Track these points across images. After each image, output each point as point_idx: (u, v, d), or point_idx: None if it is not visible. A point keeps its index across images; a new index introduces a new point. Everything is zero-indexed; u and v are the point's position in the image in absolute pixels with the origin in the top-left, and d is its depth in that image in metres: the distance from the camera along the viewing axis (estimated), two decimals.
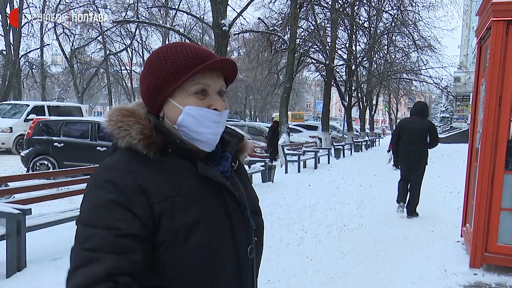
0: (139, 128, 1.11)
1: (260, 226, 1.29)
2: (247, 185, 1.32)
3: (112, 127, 1.14)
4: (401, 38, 26.05)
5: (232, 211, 1.16)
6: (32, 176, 6.93)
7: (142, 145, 1.10)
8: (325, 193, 9.54)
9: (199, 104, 1.13)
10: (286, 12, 18.72)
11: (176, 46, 1.17)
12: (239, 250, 1.16)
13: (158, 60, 1.15)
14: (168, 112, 1.16)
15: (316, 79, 31.93)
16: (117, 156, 1.13)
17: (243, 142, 1.32)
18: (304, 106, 77.80)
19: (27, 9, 27.24)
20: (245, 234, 1.20)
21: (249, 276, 1.22)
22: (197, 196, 1.10)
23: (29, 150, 10.95)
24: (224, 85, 1.20)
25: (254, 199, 1.32)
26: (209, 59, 1.14)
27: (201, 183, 1.12)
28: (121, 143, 1.12)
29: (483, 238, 4.62)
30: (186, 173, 1.12)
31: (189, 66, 1.12)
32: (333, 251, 5.54)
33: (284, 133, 14.88)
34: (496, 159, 4.53)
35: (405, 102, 55.90)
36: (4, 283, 4.06)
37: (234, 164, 1.28)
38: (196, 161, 1.13)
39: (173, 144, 1.13)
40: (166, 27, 24.66)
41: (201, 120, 1.13)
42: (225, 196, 1.16)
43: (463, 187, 5.98)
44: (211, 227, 1.10)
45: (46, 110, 17.86)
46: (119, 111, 1.16)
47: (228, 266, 1.14)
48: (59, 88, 44.96)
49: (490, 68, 4.47)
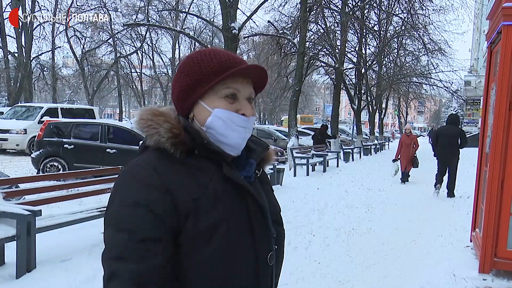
0: (168, 126, 1.13)
1: (281, 236, 1.29)
2: (270, 194, 1.32)
3: (142, 125, 1.16)
4: (411, 42, 26.02)
5: (254, 216, 1.17)
6: (42, 178, 6.97)
7: (170, 144, 1.11)
8: (334, 196, 9.52)
9: (228, 108, 1.16)
10: (296, 16, 18.74)
11: (210, 52, 1.20)
12: (259, 255, 1.16)
13: (192, 63, 1.18)
14: (197, 113, 1.18)
15: (326, 82, 31.89)
16: (145, 156, 1.15)
17: (268, 152, 1.34)
18: (313, 109, 77.66)
19: (39, 11, 27.52)
20: (266, 240, 1.20)
21: (268, 284, 1.22)
22: (221, 198, 1.11)
23: (40, 151, 11.03)
24: (253, 92, 1.22)
25: (276, 208, 1.32)
26: (242, 65, 1.17)
27: (226, 186, 1.13)
28: (150, 141, 1.14)
29: (492, 243, 4.58)
30: (212, 175, 1.13)
31: (221, 70, 1.15)
32: (341, 254, 5.53)
33: (293, 136, 14.88)
34: (506, 163, 4.50)
35: (415, 105, 55.73)
36: (14, 284, 4.08)
37: (258, 172, 1.28)
38: (221, 163, 1.15)
39: (200, 145, 1.14)
40: (176, 30, 24.76)
41: (228, 123, 1.15)
42: (248, 200, 1.16)
43: (473, 191, 5.95)
44: (232, 230, 1.10)
45: (59, 112, 17.94)
46: (150, 110, 1.19)
47: (247, 271, 1.14)
48: (70, 90, 45.25)
49: (500, 72, 4.45)
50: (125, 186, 1.09)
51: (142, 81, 41.19)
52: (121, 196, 1.08)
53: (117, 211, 1.07)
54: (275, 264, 1.24)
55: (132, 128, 11.26)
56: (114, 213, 1.08)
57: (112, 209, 1.09)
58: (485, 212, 4.68)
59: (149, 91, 44.47)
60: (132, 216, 1.04)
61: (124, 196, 1.07)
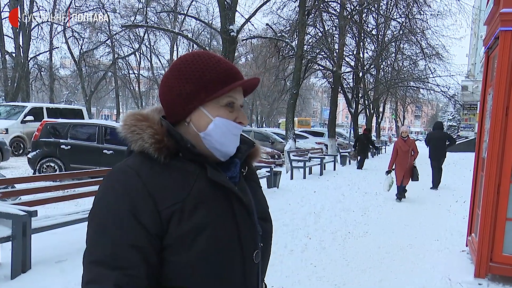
0: (151, 132, 1.14)
1: (267, 232, 1.30)
2: (257, 191, 1.33)
3: (126, 131, 1.17)
4: (408, 46, 26.05)
5: (239, 216, 1.17)
6: (38, 178, 6.96)
7: (154, 149, 1.12)
8: (330, 199, 9.52)
9: (228, 117, 1.18)
10: (294, 19, 18.74)
11: (210, 57, 1.20)
12: (245, 255, 1.17)
13: (194, 67, 1.17)
14: (196, 119, 1.18)
15: (323, 85, 31.95)
16: (129, 160, 1.15)
17: (255, 148, 1.34)
18: (310, 112, 77.78)
19: (37, 12, 27.45)
20: (252, 239, 1.20)
21: (254, 281, 1.23)
22: (206, 200, 1.12)
23: (36, 152, 11.00)
24: (243, 99, 1.26)
25: (263, 205, 1.32)
26: (240, 75, 1.20)
27: (210, 188, 1.14)
28: (134, 146, 1.15)
29: (488, 248, 4.60)
30: (196, 178, 1.13)
31: (227, 80, 1.17)
32: (338, 258, 5.53)
33: (290, 139, 14.89)
34: (503, 168, 4.51)
35: (412, 110, 55.81)
36: (8, 285, 4.07)
37: (244, 170, 1.29)
38: (206, 165, 1.15)
39: (184, 149, 1.15)
40: (174, 32, 24.79)
41: (226, 132, 1.17)
42: (233, 201, 1.17)
43: (469, 196, 5.96)
44: (217, 231, 1.11)
45: (44, 112, 17.58)
46: (133, 115, 1.19)
47: (234, 271, 1.15)
48: (67, 91, 45.19)
49: (498, 77, 4.46)
50: (109, 190, 1.10)
51: (139, 82, 41.13)
52: (105, 201, 1.09)
53: (100, 215, 1.08)
54: (261, 261, 1.25)
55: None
56: (98, 216, 1.09)
57: (96, 212, 1.10)
58: (481, 217, 4.69)
59: (146, 93, 44.46)
60: (118, 223, 1.05)
61: (107, 201, 1.08)
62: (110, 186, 1.10)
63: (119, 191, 1.08)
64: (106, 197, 1.09)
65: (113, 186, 1.10)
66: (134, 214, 1.05)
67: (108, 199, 1.09)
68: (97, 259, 1.04)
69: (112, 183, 1.11)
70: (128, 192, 1.07)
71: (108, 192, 1.10)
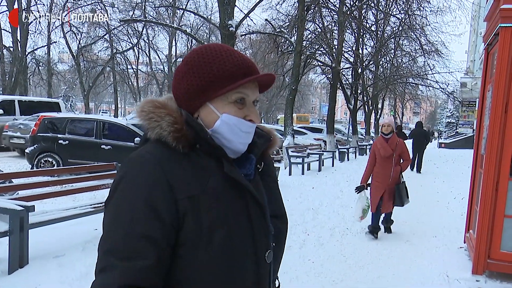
0: (170, 120, 1.11)
1: (281, 232, 1.28)
2: (272, 188, 1.31)
3: (143, 118, 1.14)
4: (408, 43, 25.96)
5: (253, 215, 1.16)
6: (36, 173, 6.94)
7: (172, 138, 1.09)
8: (329, 196, 9.52)
9: (237, 114, 1.14)
10: (293, 14, 18.70)
11: (222, 50, 1.16)
12: (258, 254, 1.16)
13: (203, 61, 1.14)
14: (204, 115, 1.16)
15: (322, 81, 31.84)
16: (148, 147, 1.12)
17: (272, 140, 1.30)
18: (309, 108, 77.79)
19: (35, 6, 27.38)
20: (264, 238, 1.19)
21: (266, 281, 1.21)
22: (221, 197, 1.10)
23: (34, 147, 10.98)
24: (258, 95, 1.21)
25: (278, 202, 1.31)
26: (254, 69, 1.15)
27: (226, 184, 1.12)
28: (151, 134, 1.12)
29: (486, 245, 4.60)
30: (212, 172, 1.12)
31: (235, 75, 1.13)
32: (336, 254, 5.53)
33: (289, 135, 14.88)
34: (501, 165, 4.51)
35: (411, 106, 55.76)
36: (6, 280, 4.06)
37: (260, 166, 1.26)
38: (222, 160, 1.13)
39: (203, 140, 1.12)
40: (173, 27, 24.69)
41: (235, 129, 1.14)
42: (247, 198, 1.15)
43: (467, 193, 5.97)
44: (233, 229, 1.09)
45: (16, 104, 16.81)
46: (151, 102, 1.16)
47: (247, 270, 1.13)
48: (65, 85, 45.05)
49: (497, 74, 4.45)
50: (130, 177, 1.07)
51: (138, 77, 41.03)
52: (124, 187, 1.06)
53: (118, 202, 1.06)
54: (273, 261, 1.23)
55: (127, 125, 11.23)
56: (113, 204, 1.07)
57: (112, 199, 1.08)
58: (479, 214, 4.69)
59: (145, 88, 44.33)
60: (132, 212, 1.03)
61: (128, 188, 1.06)
62: (128, 172, 1.08)
63: (136, 178, 1.06)
64: (122, 184, 1.07)
65: (131, 172, 1.07)
66: (150, 202, 1.03)
67: (124, 186, 1.06)
68: (109, 248, 1.02)
69: (130, 170, 1.08)
70: (146, 179, 1.05)
71: (125, 179, 1.07)
